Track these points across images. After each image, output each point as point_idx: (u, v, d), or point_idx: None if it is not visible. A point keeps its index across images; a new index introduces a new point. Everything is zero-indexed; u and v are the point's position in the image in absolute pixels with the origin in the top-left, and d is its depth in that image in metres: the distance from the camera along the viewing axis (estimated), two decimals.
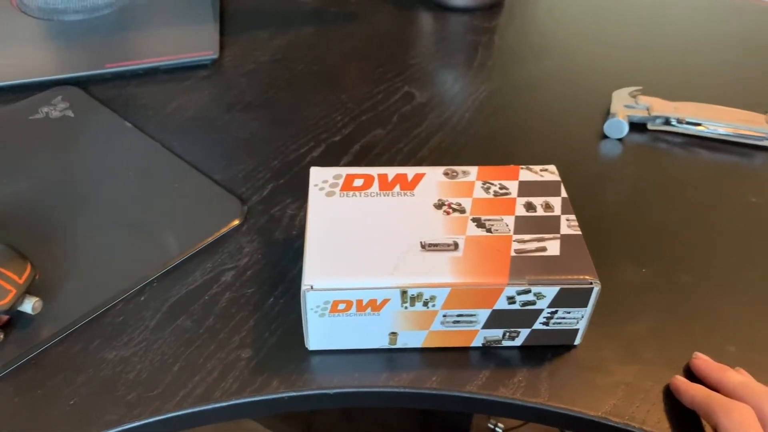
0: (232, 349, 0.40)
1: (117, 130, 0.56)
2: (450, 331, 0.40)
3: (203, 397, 0.38)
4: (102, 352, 0.40)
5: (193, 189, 0.51)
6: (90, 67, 0.63)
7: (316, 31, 0.71)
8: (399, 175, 0.44)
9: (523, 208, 0.42)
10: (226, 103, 0.60)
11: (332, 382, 0.39)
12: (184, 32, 0.68)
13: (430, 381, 0.39)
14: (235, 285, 0.44)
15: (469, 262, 0.38)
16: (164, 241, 0.46)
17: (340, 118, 0.59)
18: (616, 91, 0.62)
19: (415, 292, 0.37)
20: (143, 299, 0.43)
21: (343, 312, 0.38)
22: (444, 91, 0.64)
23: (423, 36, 0.73)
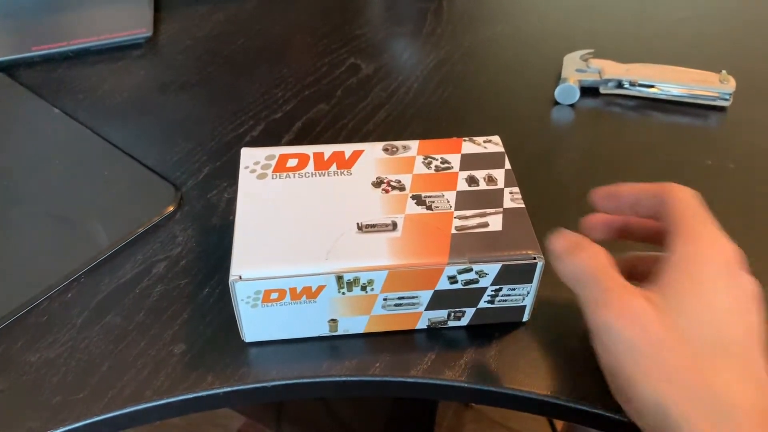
0: (164, 344, 0.38)
1: (44, 117, 0.53)
2: (392, 315, 0.38)
3: (133, 397, 0.36)
4: (25, 354, 0.38)
5: (124, 176, 0.48)
6: (15, 51, 0.59)
7: (257, 3, 0.68)
8: (336, 153, 0.42)
9: (465, 183, 0.40)
10: (161, 84, 0.57)
11: (270, 374, 0.37)
12: (115, 10, 0.64)
13: (373, 367, 0.38)
14: (168, 276, 0.42)
15: (408, 242, 0.36)
16: (93, 233, 0.44)
17: (282, 94, 0.57)
18: (568, 55, 0.60)
19: (351, 277, 0.35)
20: (70, 296, 0.41)
21: (276, 301, 0.36)
22: (391, 61, 0.61)
23: (370, 5, 0.70)
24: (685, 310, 0.30)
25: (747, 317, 0.30)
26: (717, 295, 0.30)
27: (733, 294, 0.30)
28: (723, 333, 0.29)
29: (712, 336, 0.29)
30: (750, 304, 0.31)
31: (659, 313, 0.30)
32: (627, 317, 0.30)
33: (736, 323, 0.30)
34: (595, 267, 0.33)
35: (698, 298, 0.30)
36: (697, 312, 0.30)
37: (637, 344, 0.30)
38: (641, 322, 0.30)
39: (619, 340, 0.30)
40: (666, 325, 0.30)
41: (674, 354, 0.29)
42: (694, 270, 0.31)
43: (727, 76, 0.56)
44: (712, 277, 0.30)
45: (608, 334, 0.30)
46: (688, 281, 0.31)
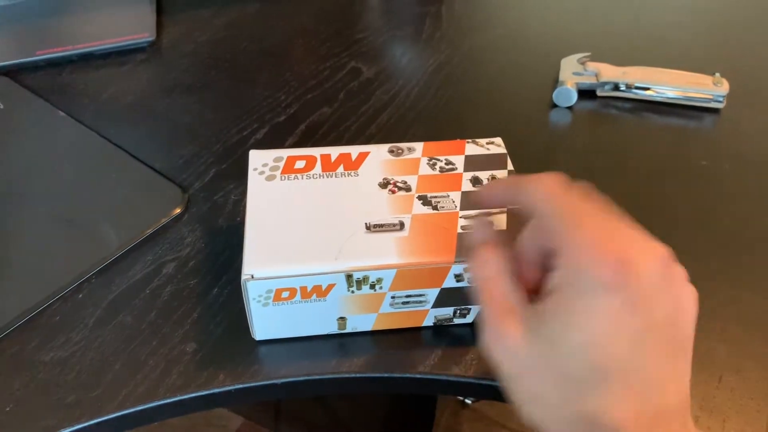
0: (175, 343, 0.39)
1: (50, 121, 0.54)
2: (400, 313, 0.39)
3: (146, 394, 0.37)
4: (39, 354, 0.39)
5: (132, 179, 0.49)
6: (20, 55, 0.60)
7: (259, 8, 0.69)
8: (342, 154, 0.43)
9: (469, 183, 0.41)
10: (165, 87, 0.58)
11: (280, 371, 0.38)
12: (119, 14, 0.65)
13: (381, 364, 0.38)
14: (177, 277, 0.43)
15: (415, 241, 0.37)
16: (102, 234, 0.45)
17: (285, 98, 0.57)
18: (565, 58, 0.61)
19: (360, 276, 0.36)
20: (81, 297, 0.41)
21: (287, 300, 0.37)
22: (392, 65, 0.62)
23: (370, 9, 0.71)
24: (556, 337, 0.27)
25: (630, 330, 0.27)
26: (593, 317, 0.27)
27: (614, 309, 0.27)
28: (599, 356, 0.27)
29: (585, 362, 0.27)
30: (638, 311, 0.27)
31: (531, 338, 0.28)
32: (498, 344, 0.29)
33: (615, 343, 0.27)
34: (480, 280, 0.31)
35: (571, 324, 0.27)
36: (569, 338, 0.27)
37: (507, 371, 0.29)
38: (511, 351, 0.28)
39: (496, 365, 0.29)
40: (534, 353, 0.28)
41: (541, 381, 0.28)
42: (570, 291, 0.28)
43: (721, 79, 0.57)
44: (588, 295, 0.27)
45: (488, 359, 0.29)
46: (563, 304, 0.28)
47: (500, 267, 0.31)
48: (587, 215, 0.29)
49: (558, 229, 0.29)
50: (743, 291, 0.42)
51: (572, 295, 0.27)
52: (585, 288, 0.27)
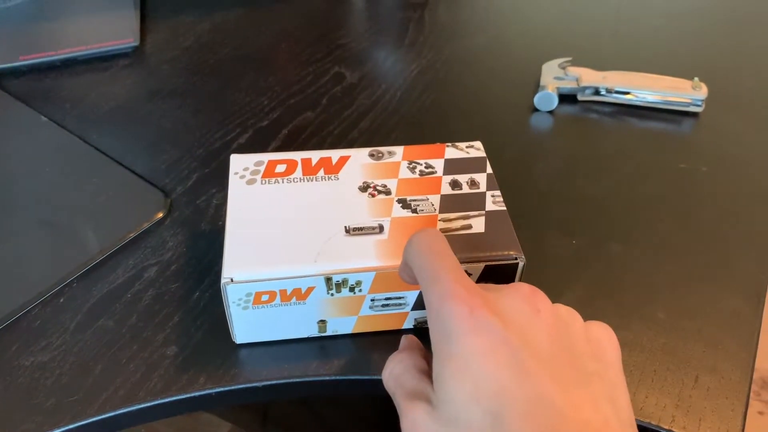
0: (156, 347, 0.39)
1: (32, 126, 0.54)
2: (380, 315, 0.39)
3: (126, 398, 0.37)
4: (19, 358, 0.38)
5: (114, 183, 0.49)
6: (2, 60, 0.60)
7: (242, 13, 0.69)
8: (323, 158, 0.43)
9: (448, 187, 0.41)
10: (149, 92, 0.58)
11: (261, 374, 0.38)
12: (102, 20, 0.65)
13: (362, 367, 0.39)
14: (159, 281, 0.43)
15: (394, 244, 0.37)
16: (84, 239, 0.45)
17: (268, 102, 0.58)
18: (546, 63, 0.62)
19: (340, 279, 0.36)
20: (62, 301, 0.41)
21: (267, 303, 0.37)
22: (375, 70, 0.63)
23: (353, 15, 0.71)
24: (449, 401, 0.27)
25: (508, 363, 0.26)
26: (467, 366, 0.26)
27: (482, 349, 0.26)
28: (486, 400, 0.26)
29: (478, 411, 0.26)
30: (510, 343, 0.26)
31: (434, 412, 0.27)
32: (413, 429, 0.28)
33: (496, 380, 0.26)
34: (394, 377, 0.31)
35: (453, 383, 0.27)
36: (458, 396, 0.26)
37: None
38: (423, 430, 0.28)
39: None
40: (440, 424, 0.27)
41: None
42: (441, 353, 0.27)
43: (700, 84, 0.58)
44: (455, 348, 0.27)
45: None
46: (441, 368, 0.27)
47: (408, 364, 0.31)
48: (444, 269, 0.29)
49: (422, 285, 0.30)
50: (721, 291, 0.43)
51: (443, 355, 0.27)
52: (450, 342, 0.27)
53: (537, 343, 0.27)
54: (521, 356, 0.26)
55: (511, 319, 0.28)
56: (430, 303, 0.29)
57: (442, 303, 0.28)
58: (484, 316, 0.27)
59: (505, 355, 0.26)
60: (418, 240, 0.32)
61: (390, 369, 0.32)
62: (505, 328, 0.27)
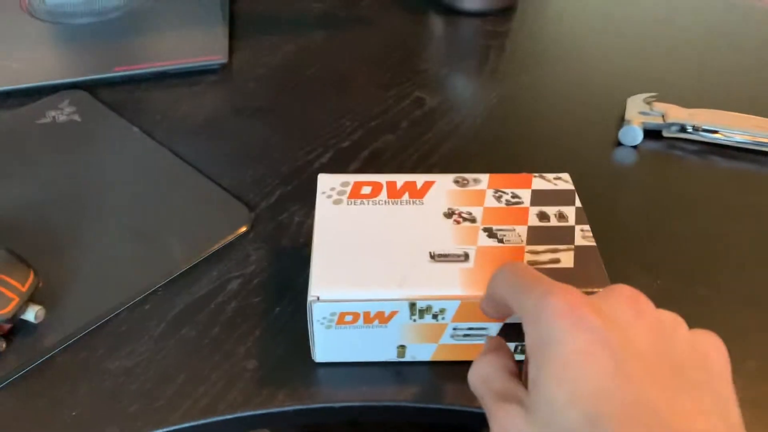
0: (237, 359, 0.40)
1: (124, 135, 0.56)
2: (460, 345, 0.39)
3: (208, 409, 0.37)
4: (105, 362, 0.40)
5: (201, 195, 0.50)
6: (98, 71, 0.62)
7: (326, 36, 0.70)
8: (408, 182, 0.43)
9: (536, 218, 0.41)
10: (235, 109, 0.60)
11: (338, 395, 0.38)
12: (193, 36, 0.67)
13: (439, 395, 0.38)
14: (242, 294, 0.43)
15: (480, 273, 0.37)
16: (170, 248, 0.46)
17: (349, 124, 0.58)
18: (631, 97, 0.61)
19: (424, 305, 0.36)
20: (148, 308, 0.43)
21: (350, 324, 0.37)
22: (455, 96, 0.63)
23: (434, 41, 0.72)
24: (547, 405, 0.26)
25: (609, 365, 0.25)
26: (566, 368, 0.26)
27: (582, 350, 0.26)
28: (587, 403, 0.25)
29: (579, 415, 0.25)
30: (611, 344, 0.26)
31: (529, 417, 0.27)
32: (503, 429, 0.28)
33: (597, 383, 0.25)
34: (482, 378, 0.31)
35: (552, 385, 0.26)
36: (556, 399, 0.26)
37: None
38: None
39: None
40: (533, 427, 0.26)
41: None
42: (539, 355, 0.27)
43: None
44: (553, 349, 0.26)
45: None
46: (539, 370, 0.27)
47: (497, 365, 0.31)
48: (538, 280, 0.30)
49: (515, 300, 0.30)
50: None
51: (541, 358, 0.27)
52: (549, 344, 0.26)
53: (639, 346, 0.26)
54: (622, 358, 0.25)
55: (612, 320, 0.27)
56: (527, 310, 0.28)
57: (541, 303, 0.27)
58: (585, 315, 0.26)
59: (606, 356, 0.25)
60: (506, 269, 0.32)
61: (477, 370, 0.31)
62: (607, 328, 0.26)
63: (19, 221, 0.47)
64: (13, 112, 0.58)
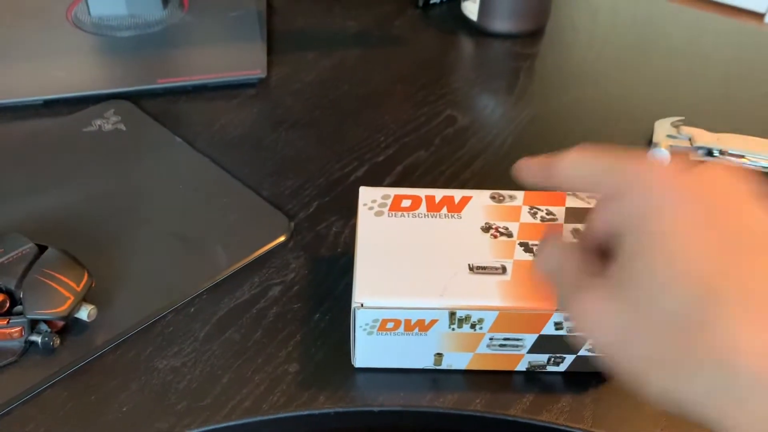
0: (279, 363, 0.41)
1: (167, 145, 0.58)
2: (495, 354, 0.40)
3: (251, 409, 0.39)
4: (153, 360, 0.41)
5: (242, 204, 0.52)
6: (141, 82, 0.65)
7: (360, 53, 0.73)
8: (446, 197, 0.45)
9: (570, 235, 0.42)
10: (273, 122, 0.62)
11: (377, 400, 0.39)
12: (232, 51, 0.69)
13: (474, 403, 0.40)
14: (282, 300, 0.45)
15: (517, 286, 0.38)
16: (213, 254, 0.47)
17: (383, 139, 0.60)
18: (659, 120, 0.62)
19: (463, 314, 0.38)
20: (193, 311, 0.44)
21: (391, 330, 0.38)
22: (486, 115, 0.65)
23: (465, 61, 0.74)
24: (642, 283, 0.24)
25: (720, 239, 0.23)
26: (670, 240, 0.24)
27: (690, 221, 0.24)
28: (696, 278, 0.23)
29: (685, 292, 0.23)
30: (718, 217, 0.24)
31: (617, 299, 0.25)
32: (587, 321, 0.26)
33: (708, 258, 0.23)
34: (554, 267, 0.29)
35: (650, 261, 0.24)
36: (656, 276, 0.24)
37: (607, 347, 0.25)
38: (602, 322, 0.25)
39: (594, 347, 0.26)
40: (626, 312, 0.24)
41: (648, 339, 0.24)
42: (637, 230, 0.25)
43: None
44: (656, 222, 0.24)
45: (584, 343, 0.28)
46: (635, 247, 0.25)
47: (568, 247, 0.29)
48: (626, 158, 0.27)
49: (603, 179, 0.28)
50: None
51: (643, 230, 0.24)
52: (651, 216, 0.24)
53: (749, 222, 0.24)
54: (736, 232, 0.23)
55: (716, 194, 0.24)
56: (620, 183, 0.26)
57: (643, 174, 0.25)
58: (695, 187, 0.24)
59: (718, 232, 0.23)
60: (576, 156, 0.30)
61: (545, 259, 0.29)
62: (714, 203, 0.24)
63: (71, 224, 0.49)
64: (60, 119, 0.61)
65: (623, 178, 0.27)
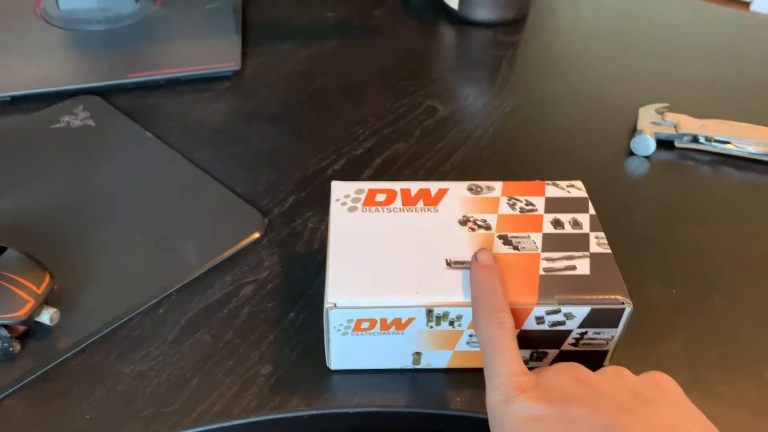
0: (251, 364, 0.40)
1: (138, 141, 0.56)
2: (475, 352, 0.39)
3: (222, 413, 0.37)
4: (119, 365, 0.40)
5: (214, 201, 0.50)
6: (112, 77, 0.63)
7: (338, 44, 0.71)
8: (422, 190, 0.43)
9: (550, 225, 0.41)
10: (248, 115, 0.60)
11: (353, 401, 0.38)
12: (206, 43, 0.68)
13: (454, 402, 0.38)
14: (255, 299, 0.43)
15: None
16: (184, 253, 0.46)
17: (362, 132, 0.59)
18: (643, 107, 0.61)
19: (441, 312, 0.36)
20: (161, 312, 0.43)
21: (366, 330, 0.37)
22: (467, 105, 0.63)
23: (446, 50, 0.72)
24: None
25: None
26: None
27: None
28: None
29: None
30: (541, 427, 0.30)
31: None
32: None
33: None
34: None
35: None
36: None
37: None
38: None
39: None
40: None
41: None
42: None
43: None
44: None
45: None
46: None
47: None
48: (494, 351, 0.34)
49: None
50: None
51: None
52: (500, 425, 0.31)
53: (584, 405, 0.30)
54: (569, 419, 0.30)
55: (553, 393, 0.31)
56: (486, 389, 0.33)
57: (489, 395, 0.32)
58: (523, 401, 0.31)
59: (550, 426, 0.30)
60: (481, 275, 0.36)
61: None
62: (545, 403, 0.30)
63: (34, 224, 0.47)
64: (27, 116, 0.59)
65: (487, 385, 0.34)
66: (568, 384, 0.31)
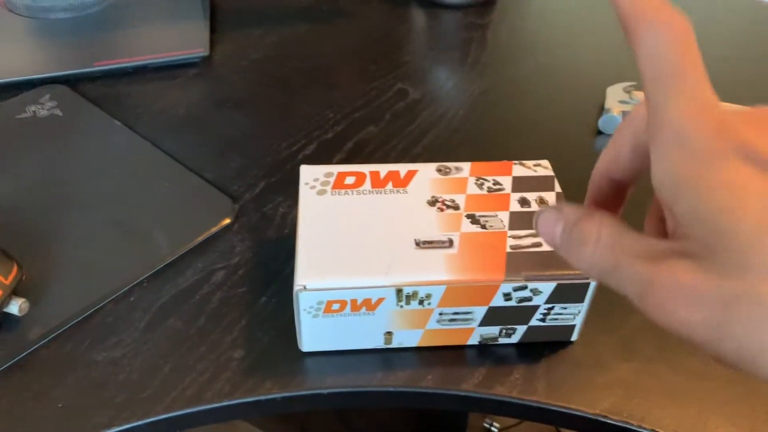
0: (223, 349, 0.40)
1: (106, 129, 0.56)
2: (446, 330, 0.39)
3: (194, 398, 0.37)
4: (91, 353, 0.39)
5: (184, 188, 0.50)
6: (78, 66, 0.62)
7: (308, 28, 0.71)
8: (391, 172, 0.43)
9: (517, 204, 0.41)
10: (217, 101, 0.60)
11: (326, 382, 0.38)
12: (173, 29, 0.67)
13: (425, 380, 0.39)
14: (227, 284, 0.43)
15: (464, 259, 0.37)
16: (154, 240, 0.46)
17: (333, 116, 0.59)
18: (611, 86, 0.62)
19: (410, 291, 0.37)
20: (133, 300, 0.42)
21: (337, 312, 0.37)
22: (438, 88, 0.63)
23: (416, 33, 0.72)
24: (734, 240, 0.20)
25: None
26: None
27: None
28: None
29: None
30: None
31: (702, 266, 0.20)
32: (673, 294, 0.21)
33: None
34: (607, 247, 0.25)
35: (739, 214, 0.19)
36: (749, 232, 0.19)
37: (703, 331, 0.20)
38: (694, 299, 0.21)
39: (682, 331, 0.21)
40: (718, 276, 0.20)
41: (759, 308, 0.19)
42: (704, 176, 0.20)
43: None
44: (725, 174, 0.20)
45: (667, 326, 0.22)
46: (708, 197, 0.20)
47: (614, 223, 0.25)
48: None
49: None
50: None
51: (715, 183, 0.20)
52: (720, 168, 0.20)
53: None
54: None
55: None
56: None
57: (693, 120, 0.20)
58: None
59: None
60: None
61: (594, 240, 0.24)
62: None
63: (1, 215, 0.47)
64: None
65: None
66: None
